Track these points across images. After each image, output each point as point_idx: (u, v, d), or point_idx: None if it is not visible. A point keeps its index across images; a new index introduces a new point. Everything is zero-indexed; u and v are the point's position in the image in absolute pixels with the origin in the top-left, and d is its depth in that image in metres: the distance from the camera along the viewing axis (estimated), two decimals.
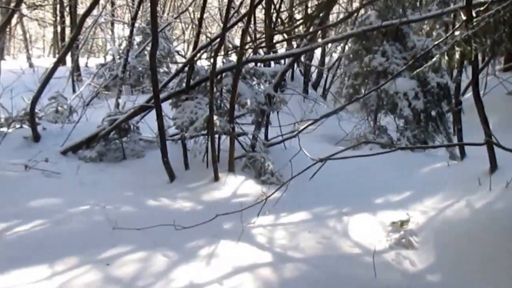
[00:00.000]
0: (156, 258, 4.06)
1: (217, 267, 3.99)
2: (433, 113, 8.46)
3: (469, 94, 7.89)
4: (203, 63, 8.55)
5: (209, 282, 3.76)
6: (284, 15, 12.22)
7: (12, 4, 7.21)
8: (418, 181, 6.18)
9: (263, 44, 7.03)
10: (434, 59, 6.20)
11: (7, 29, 14.53)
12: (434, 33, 10.26)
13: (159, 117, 5.76)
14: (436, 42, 6.76)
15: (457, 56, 6.38)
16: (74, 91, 11.81)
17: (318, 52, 14.38)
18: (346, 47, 11.55)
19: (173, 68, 12.76)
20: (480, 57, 9.48)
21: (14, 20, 14.95)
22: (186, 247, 4.26)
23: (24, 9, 15.33)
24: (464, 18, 6.23)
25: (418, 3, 10.43)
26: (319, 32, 7.84)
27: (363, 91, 8.59)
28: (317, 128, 8.31)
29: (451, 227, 4.62)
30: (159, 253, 4.13)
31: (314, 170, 4.49)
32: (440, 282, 3.91)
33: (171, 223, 3.83)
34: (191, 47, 17.15)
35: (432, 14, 7.13)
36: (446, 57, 6.71)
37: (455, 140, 8.16)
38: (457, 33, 6.04)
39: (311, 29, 7.14)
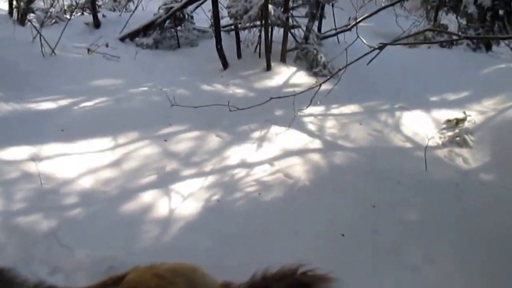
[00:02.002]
0: (210, 138, 4.27)
1: (268, 149, 4.15)
2: (501, 12, 7.81)
3: None
4: None
5: (260, 162, 3.94)
6: None
7: None
8: (478, 81, 5.95)
9: None
10: None
11: None
12: None
13: (215, 2, 5.68)
14: None
15: None
16: None
17: None
18: None
19: None
20: None
21: None
22: (238, 130, 4.43)
23: None
24: None
25: None
26: None
27: None
28: (372, 25, 7.97)
29: (510, 128, 4.52)
30: (213, 133, 4.33)
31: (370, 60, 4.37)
32: (494, 181, 3.90)
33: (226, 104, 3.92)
34: None
35: None
36: None
37: None
38: None
39: None
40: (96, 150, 3.92)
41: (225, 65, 6.02)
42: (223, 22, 6.89)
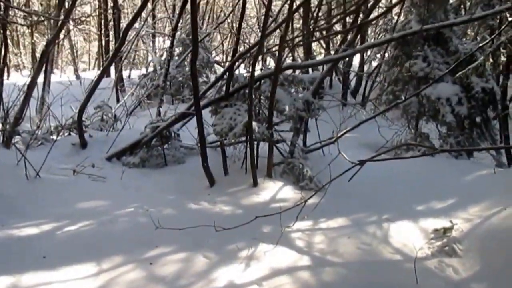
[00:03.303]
0: (197, 259, 4.17)
1: (256, 269, 4.04)
2: (478, 119, 8.22)
3: None
4: (241, 71, 8.73)
5: (249, 283, 3.82)
6: (321, 21, 12.29)
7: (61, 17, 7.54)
8: (462, 188, 6.05)
9: (301, 51, 7.09)
10: (478, 61, 6.07)
11: (56, 43, 15.11)
12: (479, 38, 10.04)
13: (200, 122, 5.89)
14: (480, 45, 6.57)
15: (502, 57, 6.22)
16: (118, 101, 12.20)
17: (356, 61, 14.30)
18: (386, 54, 11.43)
19: (212, 78, 13.01)
20: None
21: (62, 34, 15.57)
22: (225, 249, 4.34)
23: (71, 25, 16.01)
24: (510, 19, 6.07)
25: (461, 6, 10.20)
26: (358, 38, 7.82)
27: (403, 97, 8.50)
28: (356, 136, 8.25)
29: (497, 235, 4.51)
30: (200, 254, 4.24)
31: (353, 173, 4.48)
32: None
33: (212, 225, 3.92)
34: (229, 58, 17.52)
35: (474, 17, 6.88)
36: (491, 59, 6.51)
37: None
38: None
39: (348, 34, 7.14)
40: (79, 277, 3.78)
41: (211, 182, 6.07)
42: (209, 138, 7.09)
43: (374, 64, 13.98)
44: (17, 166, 5.89)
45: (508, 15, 6.97)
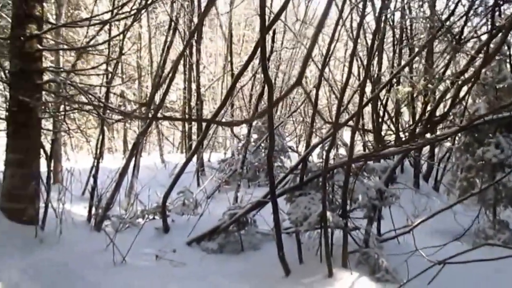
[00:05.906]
0: None
1: None
2: None
3: None
4: (315, 159, 8.97)
5: None
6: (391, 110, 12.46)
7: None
8: None
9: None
10: None
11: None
12: None
13: (275, 212, 6.11)
14: None
15: None
16: (198, 184, 12.86)
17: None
18: (457, 138, 11.20)
19: (286, 162, 13.41)
20: None
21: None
22: None
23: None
24: None
25: None
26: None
27: (478, 182, 8.26)
28: (431, 222, 8.04)
29: None
30: None
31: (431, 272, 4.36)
32: None
33: None
34: (302, 141, 17.99)
35: None
36: None
37: None
38: None
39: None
40: None
41: (287, 272, 6.10)
42: (284, 224, 7.24)
43: (446, 144, 13.67)
44: (105, 251, 6.37)
45: None
